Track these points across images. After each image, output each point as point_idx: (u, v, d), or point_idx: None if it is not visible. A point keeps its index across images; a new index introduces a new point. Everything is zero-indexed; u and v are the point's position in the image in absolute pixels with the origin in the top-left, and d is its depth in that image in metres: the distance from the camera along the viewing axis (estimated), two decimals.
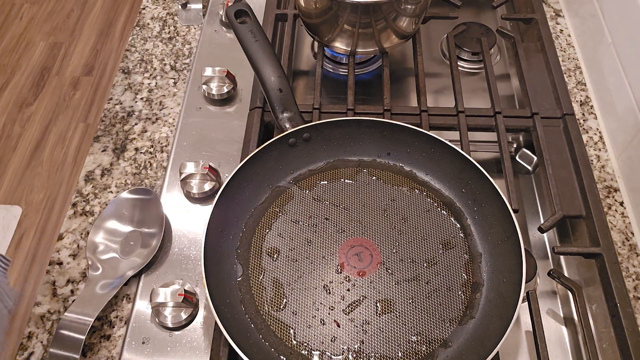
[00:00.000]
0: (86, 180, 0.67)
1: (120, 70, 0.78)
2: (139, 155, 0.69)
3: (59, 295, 0.58)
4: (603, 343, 0.56)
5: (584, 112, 0.74)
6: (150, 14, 0.85)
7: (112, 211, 0.62)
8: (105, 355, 0.55)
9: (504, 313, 0.51)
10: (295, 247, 0.58)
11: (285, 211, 0.61)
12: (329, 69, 0.82)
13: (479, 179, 0.58)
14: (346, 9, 0.66)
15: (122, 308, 0.57)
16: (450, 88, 0.72)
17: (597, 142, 0.71)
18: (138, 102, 0.74)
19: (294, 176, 0.63)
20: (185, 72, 0.78)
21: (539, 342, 0.52)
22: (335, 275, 0.56)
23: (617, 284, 0.55)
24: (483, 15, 0.89)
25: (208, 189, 0.64)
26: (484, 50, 0.75)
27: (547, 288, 0.61)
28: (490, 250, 0.57)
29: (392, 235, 0.59)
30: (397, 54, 0.84)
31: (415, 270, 0.56)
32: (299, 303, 0.54)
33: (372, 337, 0.53)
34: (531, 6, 0.81)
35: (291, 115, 0.63)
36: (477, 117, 0.69)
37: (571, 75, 0.78)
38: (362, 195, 0.62)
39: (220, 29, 0.82)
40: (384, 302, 0.54)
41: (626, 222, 0.64)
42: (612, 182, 0.68)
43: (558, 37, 0.83)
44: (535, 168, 0.71)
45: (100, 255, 0.59)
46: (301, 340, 0.52)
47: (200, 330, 0.55)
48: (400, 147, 0.64)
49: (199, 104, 0.73)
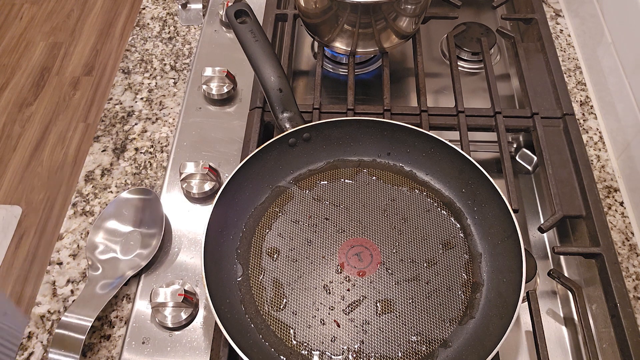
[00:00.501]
0: (86, 180, 0.67)
1: (120, 70, 0.78)
2: (139, 155, 0.69)
3: (59, 295, 0.58)
4: (603, 343, 0.56)
5: (584, 112, 0.74)
6: (150, 14, 0.85)
7: (112, 211, 0.62)
8: (105, 355, 0.55)
9: (504, 313, 0.51)
10: (295, 247, 0.58)
11: (285, 211, 0.61)
12: (329, 69, 0.82)
13: (479, 179, 0.58)
14: (346, 9, 0.66)
15: (122, 308, 0.57)
16: (450, 88, 0.72)
17: (597, 142, 0.71)
18: (138, 102, 0.74)
19: (294, 176, 0.63)
20: (185, 72, 0.78)
21: (539, 342, 0.52)
22: (335, 275, 0.56)
23: (617, 284, 0.55)
24: (483, 15, 0.89)
25: (208, 189, 0.64)
26: (484, 50, 0.75)
27: (547, 288, 0.61)
28: (490, 250, 0.57)
29: (392, 235, 0.59)
30: (397, 54, 0.84)
31: (415, 270, 0.56)
32: (299, 303, 0.54)
33: (372, 337, 0.53)
34: (531, 6, 0.81)
35: (291, 115, 0.63)
36: (477, 117, 0.69)
37: (571, 75, 0.78)
38: (362, 195, 0.62)
39: (220, 29, 0.82)
40: (384, 302, 0.54)
41: (626, 222, 0.64)
42: (612, 182, 0.68)
43: (558, 37, 0.83)
44: (535, 168, 0.71)
45: (100, 255, 0.59)
46: (301, 340, 0.52)
47: (200, 330, 0.55)
48: (400, 147, 0.64)
49: (199, 104, 0.73)
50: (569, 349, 0.57)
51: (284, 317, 0.54)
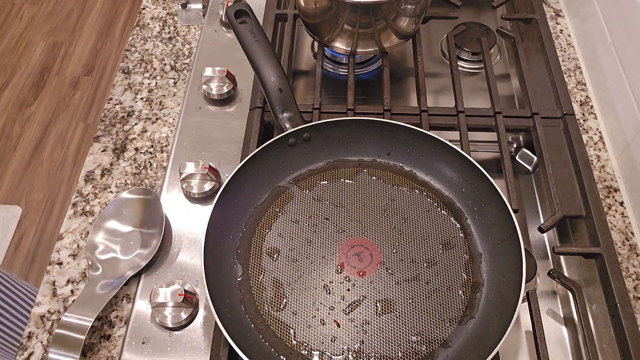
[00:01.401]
0: (86, 180, 0.67)
1: (120, 70, 0.78)
2: (139, 155, 0.69)
3: (59, 295, 0.58)
4: (603, 343, 0.56)
5: (584, 112, 0.74)
6: (150, 14, 0.85)
7: (112, 211, 0.62)
8: (105, 355, 0.54)
9: (504, 313, 0.51)
10: (295, 247, 0.58)
11: (285, 211, 0.61)
12: (329, 69, 0.82)
13: (479, 179, 0.59)
14: (346, 9, 0.66)
15: (122, 308, 0.57)
16: (450, 88, 0.72)
17: (597, 142, 0.71)
18: (138, 102, 0.74)
19: (294, 176, 0.63)
20: (185, 72, 0.78)
21: (539, 342, 0.52)
22: (335, 275, 0.56)
23: (617, 284, 0.55)
24: (483, 15, 0.89)
25: (208, 189, 0.64)
26: (484, 50, 0.75)
27: (547, 288, 0.61)
28: (490, 250, 0.57)
29: (392, 235, 0.59)
30: (397, 54, 0.84)
31: (415, 270, 0.56)
32: (299, 303, 0.54)
33: (372, 337, 0.53)
34: (531, 6, 0.81)
35: (291, 115, 0.63)
36: (477, 117, 0.69)
37: (571, 75, 0.78)
38: (362, 195, 0.62)
39: (220, 29, 0.82)
40: (384, 302, 0.54)
41: (626, 222, 0.64)
42: (612, 182, 0.68)
43: (558, 37, 0.83)
44: (535, 168, 0.71)
45: (100, 255, 0.59)
46: (301, 340, 0.52)
47: (200, 330, 0.55)
48: (400, 147, 0.64)
49: (199, 104, 0.73)
50: (569, 349, 0.57)
51: (284, 317, 0.54)
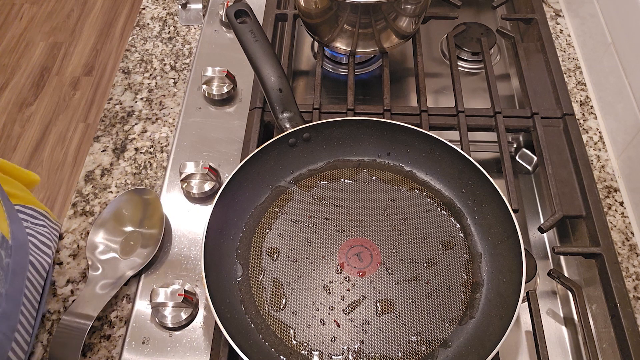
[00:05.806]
0: (86, 180, 0.67)
1: (120, 70, 0.78)
2: (139, 155, 0.69)
3: (59, 295, 0.58)
4: (603, 343, 0.56)
5: (584, 112, 0.74)
6: (150, 14, 0.85)
7: (112, 211, 0.62)
8: (105, 355, 0.54)
9: (504, 313, 0.51)
10: (295, 247, 0.58)
11: (285, 211, 0.61)
12: (329, 69, 0.82)
13: (479, 179, 0.58)
14: (346, 9, 0.66)
15: (122, 308, 0.57)
16: (450, 88, 0.72)
17: (597, 142, 0.71)
18: (138, 102, 0.74)
19: (294, 176, 0.63)
20: (185, 72, 0.78)
21: (539, 342, 0.52)
22: (335, 275, 0.56)
23: (617, 284, 0.55)
24: (483, 15, 0.89)
25: (208, 189, 0.64)
26: (484, 50, 0.75)
27: (547, 288, 0.61)
28: (490, 250, 0.57)
29: (392, 235, 0.59)
30: (397, 54, 0.84)
31: (415, 270, 0.56)
32: (299, 303, 0.54)
33: (372, 337, 0.53)
34: (531, 6, 0.81)
35: (291, 115, 0.63)
36: (477, 117, 0.69)
37: (571, 75, 0.78)
38: (362, 195, 0.62)
39: (220, 29, 0.82)
40: (384, 302, 0.54)
41: (626, 222, 0.64)
42: (612, 182, 0.68)
43: (558, 37, 0.83)
44: (535, 168, 0.71)
45: (100, 255, 0.59)
46: (301, 340, 0.52)
47: (200, 330, 0.55)
48: (400, 147, 0.64)
49: (199, 104, 0.73)
50: (569, 349, 0.57)
51: (284, 317, 0.54)
